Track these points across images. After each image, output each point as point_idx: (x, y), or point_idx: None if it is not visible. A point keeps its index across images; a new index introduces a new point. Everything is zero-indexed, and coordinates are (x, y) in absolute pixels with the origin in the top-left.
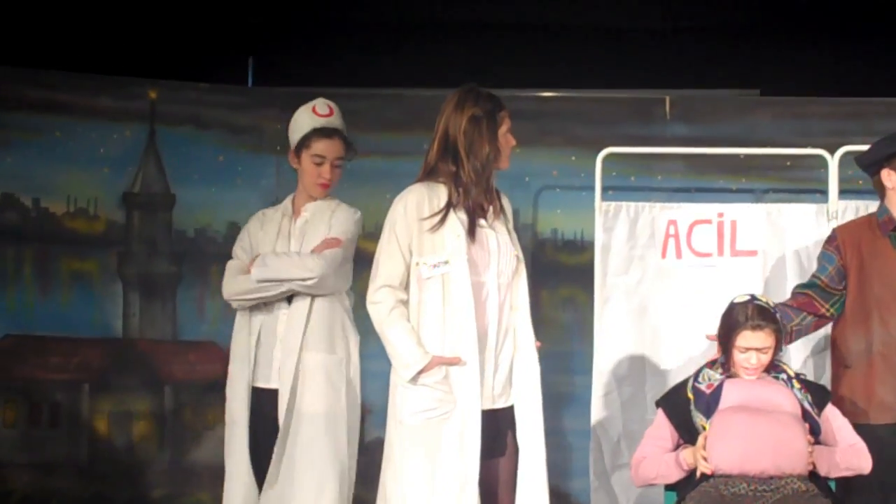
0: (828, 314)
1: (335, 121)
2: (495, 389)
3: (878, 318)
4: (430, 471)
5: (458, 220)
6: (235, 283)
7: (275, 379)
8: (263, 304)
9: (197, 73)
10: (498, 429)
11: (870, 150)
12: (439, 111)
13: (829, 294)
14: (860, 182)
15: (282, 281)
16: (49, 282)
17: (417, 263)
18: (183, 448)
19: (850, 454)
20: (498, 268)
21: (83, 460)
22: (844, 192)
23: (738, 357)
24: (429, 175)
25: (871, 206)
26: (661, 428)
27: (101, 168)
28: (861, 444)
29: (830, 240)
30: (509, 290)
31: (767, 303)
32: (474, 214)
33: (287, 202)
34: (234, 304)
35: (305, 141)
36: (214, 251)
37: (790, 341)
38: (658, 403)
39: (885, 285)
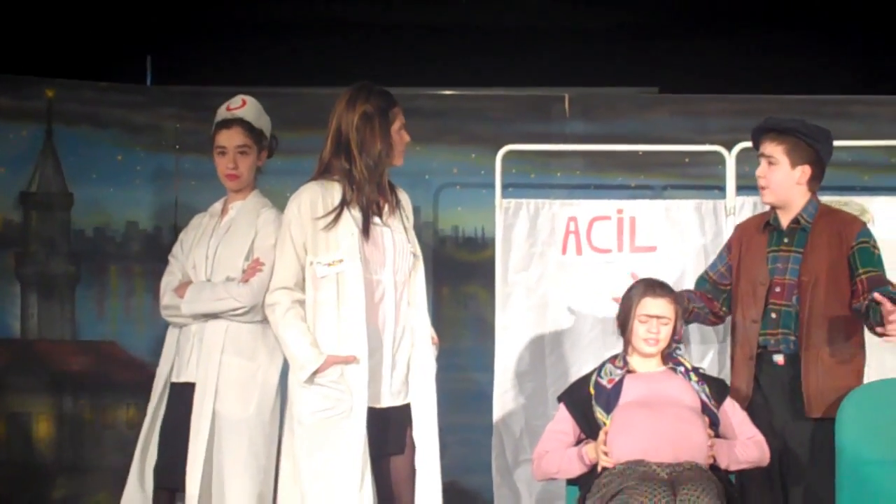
0: (720, 312)
1: (241, 111)
2: (393, 387)
3: (740, 311)
4: (328, 469)
5: (351, 218)
6: (167, 299)
7: (190, 374)
8: None
9: (95, 72)
10: (394, 426)
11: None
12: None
13: (719, 290)
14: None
15: (211, 314)
16: None
17: (312, 263)
18: (83, 449)
19: (749, 447)
20: (394, 265)
21: None
22: (742, 189)
23: (639, 329)
24: (323, 173)
25: None
26: (562, 422)
27: None
28: (760, 437)
29: (729, 237)
30: (406, 287)
31: (666, 282)
32: (369, 212)
33: (220, 202)
34: (164, 317)
35: (213, 137)
36: (113, 251)
37: (688, 319)
38: (560, 398)
39: (749, 279)
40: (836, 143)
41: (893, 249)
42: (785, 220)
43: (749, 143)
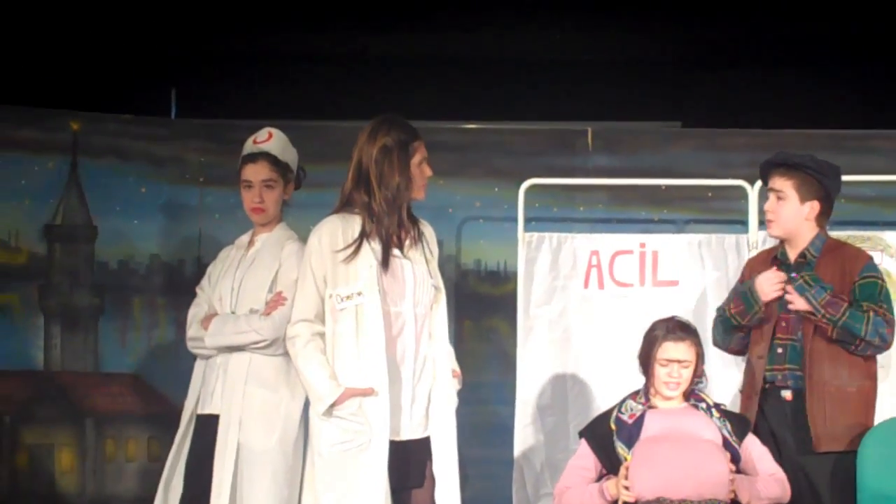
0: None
1: (267, 145)
2: (413, 419)
3: (750, 346)
4: (348, 502)
5: (371, 250)
6: (192, 331)
7: (215, 406)
8: None
9: (119, 105)
10: (415, 459)
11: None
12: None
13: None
14: None
15: (234, 346)
16: None
17: (331, 295)
18: (104, 481)
19: (770, 483)
20: (414, 298)
21: (3, 493)
22: (764, 223)
23: (660, 372)
24: (344, 206)
25: None
26: (584, 458)
27: (22, 200)
28: (781, 474)
29: (741, 273)
30: (427, 319)
31: (688, 322)
32: (388, 244)
33: (247, 234)
34: (190, 349)
35: (240, 170)
36: (136, 283)
37: None
38: (581, 434)
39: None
40: (859, 177)
41: None
42: (792, 254)
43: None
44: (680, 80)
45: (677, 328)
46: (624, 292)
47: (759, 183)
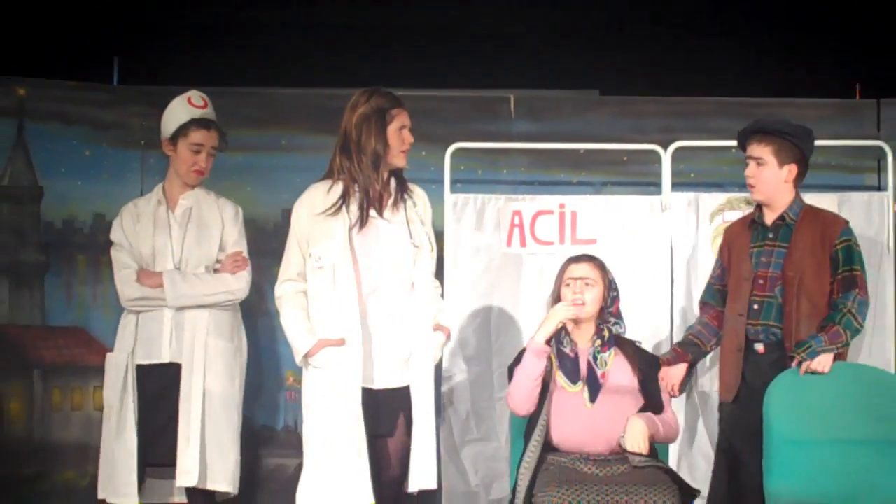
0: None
1: (210, 112)
2: (387, 369)
3: (730, 305)
4: (329, 441)
5: (347, 213)
6: (131, 291)
7: (164, 355)
8: None
9: (64, 72)
10: (387, 407)
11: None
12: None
13: (724, 293)
14: (692, 175)
15: (203, 304)
16: None
17: (311, 255)
18: (52, 428)
19: (668, 425)
20: (392, 257)
21: None
22: (676, 185)
23: (565, 292)
24: (330, 172)
25: (703, 198)
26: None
27: None
28: (673, 417)
29: (721, 242)
30: (404, 277)
31: (594, 255)
32: (366, 206)
33: (158, 191)
34: (131, 308)
35: (183, 130)
36: (81, 241)
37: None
38: (511, 368)
39: (735, 275)
40: None
41: None
42: (770, 217)
43: (684, 142)
44: (597, 51)
45: (580, 255)
46: (545, 250)
47: (671, 147)
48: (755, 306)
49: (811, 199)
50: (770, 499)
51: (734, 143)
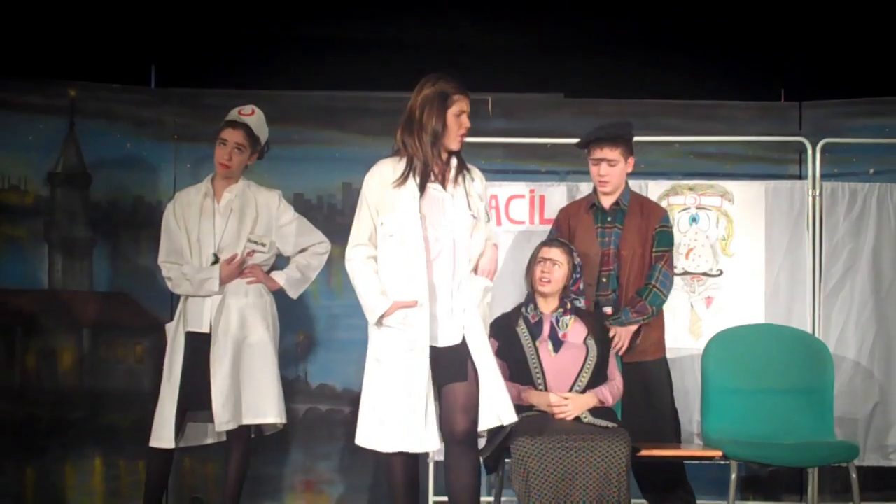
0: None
1: (248, 119)
2: (450, 329)
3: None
4: (399, 397)
5: (414, 184)
6: (190, 288)
7: (203, 325)
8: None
9: (109, 75)
10: (453, 359)
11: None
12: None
13: None
14: (642, 165)
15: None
16: None
17: (382, 223)
18: (97, 379)
19: (614, 387)
20: (452, 226)
21: (17, 388)
22: (629, 174)
23: (536, 270)
24: (396, 151)
25: (650, 184)
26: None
27: (30, 153)
28: (620, 380)
29: (556, 220)
30: (465, 245)
31: (566, 241)
32: (426, 178)
33: (207, 183)
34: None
35: (220, 131)
36: (123, 220)
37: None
38: (491, 325)
39: (583, 251)
40: (705, 138)
41: (747, 223)
42: (607, 202)
43: (636, 138)
44: (563, 59)
45: (553, 240)
46: (517, 228)
47: None
48: (604, 279)
49: (742, 186)
50: (707, 438)
51: (680, 138)
